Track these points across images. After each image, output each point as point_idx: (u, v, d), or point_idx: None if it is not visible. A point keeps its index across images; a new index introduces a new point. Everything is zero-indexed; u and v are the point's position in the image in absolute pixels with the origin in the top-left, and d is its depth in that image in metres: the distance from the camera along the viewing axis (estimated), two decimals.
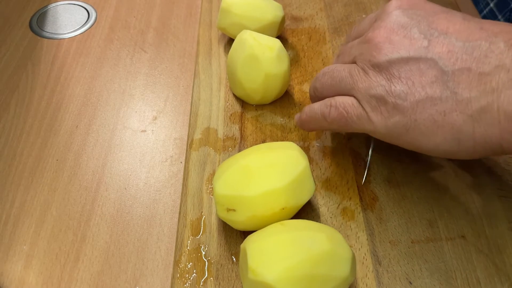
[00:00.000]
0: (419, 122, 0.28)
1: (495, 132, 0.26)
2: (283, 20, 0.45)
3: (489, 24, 0.27)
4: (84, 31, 0.51)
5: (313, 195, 0.35)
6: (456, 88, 0.26)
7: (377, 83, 0.29)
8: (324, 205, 0.34)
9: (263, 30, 0.44)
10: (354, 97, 0.31)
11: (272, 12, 0.44)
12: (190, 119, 0.41)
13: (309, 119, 0.34)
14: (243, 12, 0.43)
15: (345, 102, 0.31)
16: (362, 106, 0.30)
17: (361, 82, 0.30)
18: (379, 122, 0.29)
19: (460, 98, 0.26)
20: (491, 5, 0.57)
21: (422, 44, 0.28)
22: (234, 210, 0.30)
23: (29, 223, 0.35)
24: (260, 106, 0.41)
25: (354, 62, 0.32)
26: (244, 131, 0.39)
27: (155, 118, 0.42)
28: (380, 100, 0.29)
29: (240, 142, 0.39)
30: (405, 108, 0.28)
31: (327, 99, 0.33)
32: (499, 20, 0.57)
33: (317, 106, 0.33)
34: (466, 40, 0.27)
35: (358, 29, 0.35)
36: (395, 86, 0.28)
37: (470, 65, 0.26)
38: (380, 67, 0.29)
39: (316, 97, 0.35)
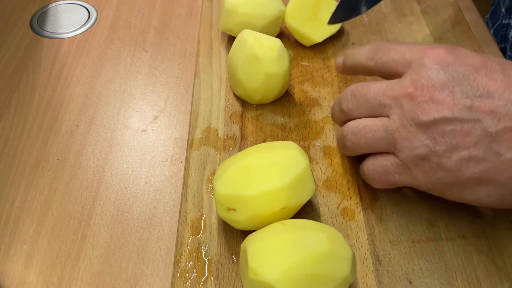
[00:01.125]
0: (463, 179, 0.28)
1: None
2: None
3: None
4: (85, 31, 0.51)
5: (314, 195, 0.35)
6: (500, 149, 0.27)
7: (421, 143, 0.29)
8: (324, 205, 0.34)
9: (270, 26, 0.44)
10: (395, 154, 0.31)
11: (276, 7, 0.44)
12: (190, 119, 0.41)
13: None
14: (249, 11, 0.43)
15: (384, 164, 0.31)
16: (406, 165, 0.30)
17: (404, 141, 0.30)
18: (423, 179, 0.30)
19: (505, 159, 0.27)
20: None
21: (465, 104, 0.28)
22: (234, 209, 0.30)
23: (30, 223, 0.35)
24: (260, 106, 0.41)
25: (386, 115, 0.31)
26: (244, 130, 0.39)
27: (155, 118, 0.42)
28: (424, 159, 0.29)
29: (241, 141, 0.39)
30: (449, 166, 0.28)
31: (371, 160, 0.32)
32: None
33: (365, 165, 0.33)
34: (508, 100, 0.27)
35: (363, 59, 0.34)
36: (440, 146, 0.28)
37: None
38: (424, 126, 0.29)
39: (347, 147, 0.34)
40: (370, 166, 0.32)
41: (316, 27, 0.45)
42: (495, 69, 0.28)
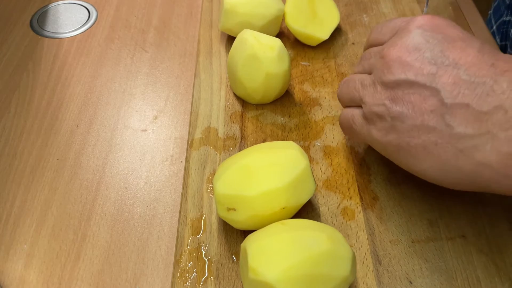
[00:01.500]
0: (411, 145, 0.28)
1: (485, 172, 0.26)
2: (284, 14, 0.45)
3: (502, 60, 0.27)
4: (85, 31, 0.51)
5: (314, 195, 0.35)
6: (452, 122, 0.27)
7: (381, 101, 0.30)
8: (324, 205, 0.34)
9: (269, 25, 0.44)
10: (362, 109, 0.32)
11: (275, 6, 0.44)
12: (190, 119, 0.41)
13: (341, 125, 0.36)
14: (248, 10, 0.43)
15: (353, 113, 0.33)
16: (366, 119, 0.31)
17: (369, 96, 0.31)
18: (376, 137, 0.31)
19: (454, 132, 0.26)
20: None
21: (430, 71, 0.28)
22: (234, 209, 0.30)
23: (30, 222, 0.35)
24: (260, 106, 0.41)
25: (370, 72, 0.32)
26: (244, 130, 0.39)
27: (155, 118, 0.42)
28: (380, 118, 0.30)
29: (241, 141, 0.39)
30: (400, 129, 0.29)
31: (347, 109, 0.35)
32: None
33: (342, 114, 0.35)
34: (473, 75, 0.27)
35: (378, 35, 0.34)
36: (396, 108, 0.29)
37: (470, 102, 0.26)
38: (387, 86, 0.29)
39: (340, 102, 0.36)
40: (344, 113, 0.34)
41: (317, 26, 0.45)
42: (472, 45, 0.28)
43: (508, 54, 0.28)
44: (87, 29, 0.51)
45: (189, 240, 0.33)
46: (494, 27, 0.57)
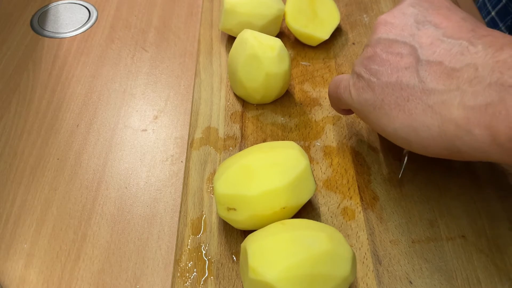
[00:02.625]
0: (385, 102, 0.29)
1: (450, 128, 0.26)
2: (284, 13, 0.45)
3: (483, 28, 0.27)
4: (85, 30, 0.51)
5: (314, 195, 0.35)
6: (425, 78, 0.27)
7: (362, 60, 0.31)
8: (324, 205, 0.34)
9: (269, 25, 0.44)
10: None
11: (275, 6, 0.44)
12: (191, 118, 0.41)
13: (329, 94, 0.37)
14: (249, 10, 0.43)
15: (341, 78, 0.34)
16: (350, 81, 0.32)
17: (356, 60, 0.32)
18: (355, 97, 0.31)
19: (425, 88, 0.27)
20: (493, 13, 0.57)
21: (410, 32, 0.29)
22: (234, 209, 0.30)
23: (30, 222, 0.35)
24: (261, 106, 0.41)
25: None
26: (244, 130, 0.39)
27: (156, 117, 0.42)
28: (359, 76, 0.31)
29: (241, 141, 0.39)
30: (376, 86, 0.29)
31: (337, 76, 0.36)
32: (499, 28, 0.57)
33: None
34: (451, 37, 0.27)
35: None
36: (373, 65, 0.29)
37: (444, 59, 0.27)
38: (370, 45, 0.31)
39: None
40: (333, 79, 0.35)
41: (318, 26, 0.45)
42: (457, 13, 0.29)
43: (489, 28, 0.28)
44: (88, 29, 0.51)
45: (189, 240, 0.33)
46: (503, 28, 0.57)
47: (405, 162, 0.36)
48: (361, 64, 0.31)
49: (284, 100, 0.42)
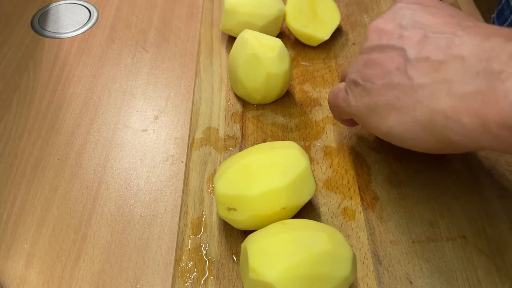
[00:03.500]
0: (379, 104, 0.29)
1: (439, 119, 0.26)
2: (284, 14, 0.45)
3: (469, 20, 0.28)
4: (86, 31, 0.51)
5: (314, 195, 0.35)
6: (413, 75, 0.27)
7: (356, 68, 0.31)
8: (324, 205, 0.34)
9: (269, 26, 0.44)
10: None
11: (276, 6, 0.44)
12: (191, 119, 0.41)
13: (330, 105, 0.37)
14: (249, 11, 0.43)
15: (339, 87, 0.34)
16: (347, 89, 0.33)
17: (350, 68, 0.32)
18: (353, 103, 0.31)
19: (414, 84, 0.27)
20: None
21: (400, 34, 0.29)
22: (235, 209, 0.30)
23: (30, 222, 0.35)
24: (261, 106, 0.41)
25: None
26: (245, 130, 0.39)
27: (156, 118, 0.42)
28: (356, 83, 0.31)
29: (241, 141, 0.39)
30: (371, 90, 0.30)
31: (335, 86, 0.36)
32: None
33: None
34: (437, 32, 0.27)
35: None
36: (367, 70, 0.30)
37: (431, 54, 0.27)
38: (363, 53, 0.31)
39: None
40: (332, 89, 0.36)
41: (318, 26, 0.45)
42: (445, 10, 0.29)
43: (478, 22, 0.28)
44: (88, 29, 0.51)
45: (190, 240, 0.33)
46: None
47: None
48: (356, 72, 0.31)
49: (285, 100, 0.42)
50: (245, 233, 0.33)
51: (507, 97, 0.23)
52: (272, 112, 0.41)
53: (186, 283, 0.31)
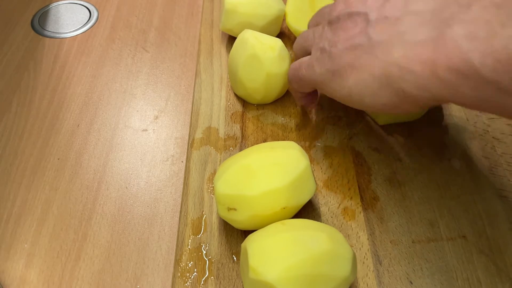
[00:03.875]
0: (341, 65, 0.30)
1: (394, 71, 0.26)
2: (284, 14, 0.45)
3: None
4: (86, 30, 0.51)
5: (314, 195, 0.35)
6: (372, 34, 0.28)
7: (324, 37, 0.32)
8: (325, 205, 0.34)
9: (269, 25, 0.44)
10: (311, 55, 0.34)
11: (276, 6, 0.44)
12: (191, 119, 0.41)
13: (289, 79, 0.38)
14: (249, 11, 0.43)
15: (301, 61, 0.35)
16: (312, 58, 0.33)
17: (317, 38, 0.33)
18: (318, 71, 0.32)
19: (372, 42, 0.28)
20: None
21: (364, 1, 0.30)
22: (235, 209, 0.30)
23: (30, 222, 0.35)
24: (261, 106, 0.41)
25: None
26: (245, 130, 0.39)
27: (156, 117, 0.42)
28: (322, 50, 0.32)
29: (241, 141, 0.39)
30: (335, 55, 0.30)
31: (296, 61, 0.36)
32: None
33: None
34: None
35: None
36: (333, 36, 0.31)
37: (389, 14, 0.27)
38: (331, 22, 0.32)
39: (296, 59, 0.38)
40: (292, 64, 0.36)
41: None
42: None
43: None
44: (88, 29, 0.51)
45: (190, 240, 0.33)
46: None
47: None
48: (324, 39, 0.32)
49: (285, 100, 0.42)
50: (245, 233, 0.33)
51: (455, 41, 0.23)
52: (272, 112, 0.41)
53: (186, 283, 0.31)
